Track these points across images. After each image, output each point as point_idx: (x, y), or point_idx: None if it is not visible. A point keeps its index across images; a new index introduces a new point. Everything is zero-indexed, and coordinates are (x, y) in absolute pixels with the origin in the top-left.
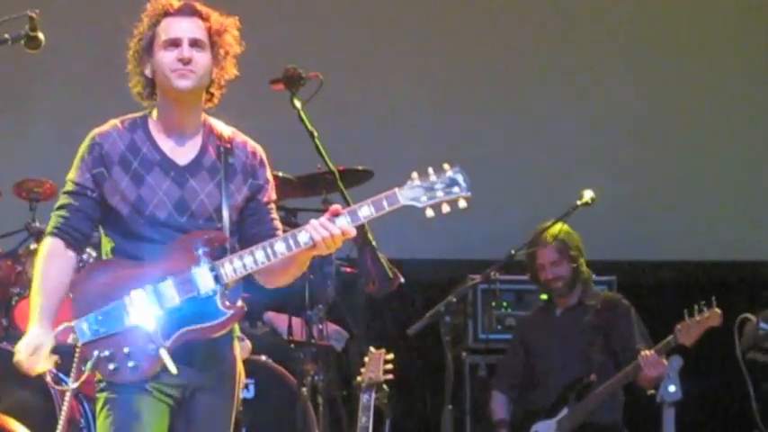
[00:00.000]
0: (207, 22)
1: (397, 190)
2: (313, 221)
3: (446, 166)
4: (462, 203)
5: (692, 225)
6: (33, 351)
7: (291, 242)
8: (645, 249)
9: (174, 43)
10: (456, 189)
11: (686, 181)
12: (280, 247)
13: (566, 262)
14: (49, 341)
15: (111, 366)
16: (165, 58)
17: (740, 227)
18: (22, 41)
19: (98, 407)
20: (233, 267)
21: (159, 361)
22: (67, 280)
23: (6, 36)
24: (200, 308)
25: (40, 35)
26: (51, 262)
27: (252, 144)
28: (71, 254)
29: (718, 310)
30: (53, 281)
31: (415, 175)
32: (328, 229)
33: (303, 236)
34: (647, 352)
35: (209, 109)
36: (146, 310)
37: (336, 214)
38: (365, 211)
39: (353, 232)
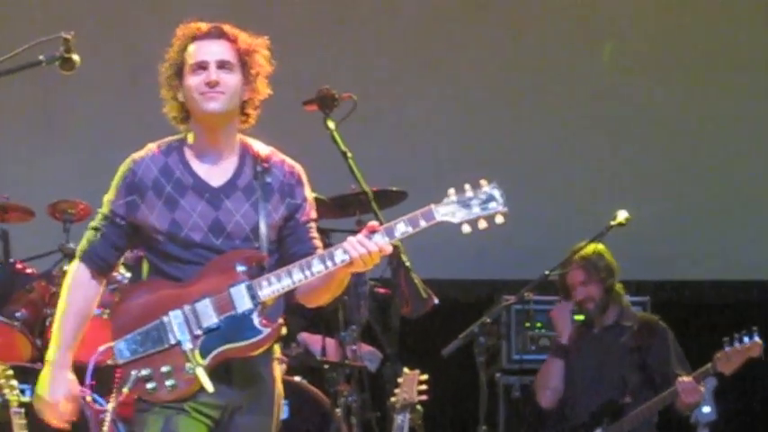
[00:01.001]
0: (235, 43)
1: (433, 206)
2: (350, 239)
3: (483, 182)
4: (500, 219)
5: (726, 244)
6: (72, 398)
7: (328, 260)
8: (679, 269)
9: (202, 66)
10: (493, 204)
11: (722, 199)
12: (316, 265)
13: (594, 282)
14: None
15: (150, 386)
16: (194, 81)
17: None
18: (57, 63)
19: (136, 427)
20: (270, 286)
21: (197, 380)
22: (92, 308)
23: (41, 57)
24: (238, 326)
25: (75, 56)
26: (76, 290)
27: (290, 163)
28: (95, 283)
29: (759, 341)
30: (84, 307)
31: (451, 191)
32: (365, 246)
33: (340, 253)
34: (685, 378)
35: (245, 129)
36: (184, 329)
37: (373, 231)
38: (402, 228)
39: (389, 249)
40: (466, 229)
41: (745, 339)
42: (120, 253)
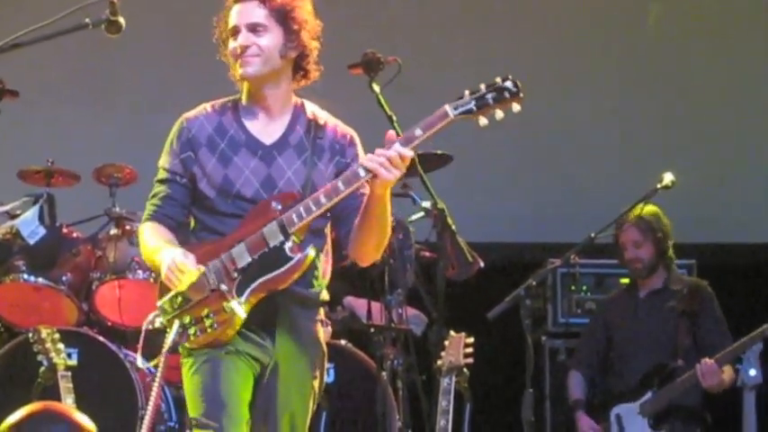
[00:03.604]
0: (268, 3)
1: (446, 105)
2: (367, 154)
3: (497, 78)
4: (516, 107)
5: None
6: (179, 257)
7: (351, 176)
8: (724, 232)
9: (236, 31)
10: (507, 93)
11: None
12: (340, 185)
13: (649, 243)
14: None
15: (193, 330)
16: (230, 46)
17: None
18: (103, 26)
19: (184, 371)
20: (298, 214)
21: (236, 320)
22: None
23: (87, 21)
24: (271, 259)
25: (121, 19)
26: (157, 230)
27: (344, 128)
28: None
29: None
30: (167, 235)
31: (466, 92)
32: (384, 154)
33: (361, 169)
34: (708, 360)
35: (304, 85)
36: (221, 274)
37: (391, 141)
38: (418, 132)
39: (410, 153)
40: (483, 121)
41: None
42: (186, 210)
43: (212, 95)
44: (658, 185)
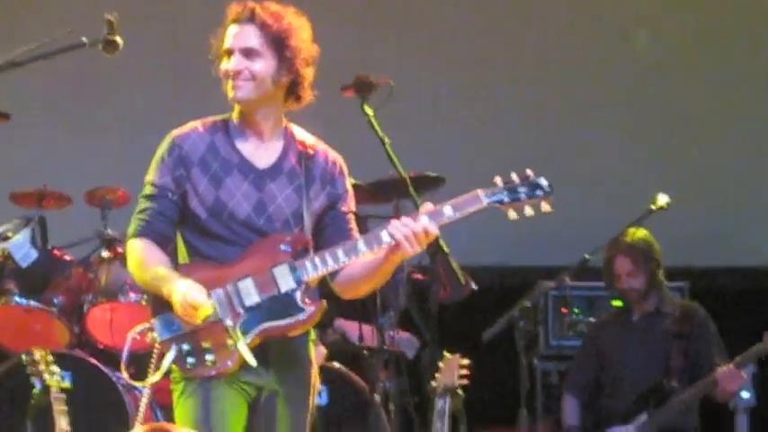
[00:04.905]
0: (265, 27)
1: (479, 191)
2: (394, 221)
3: (529, 171)
4: (546, 207)
5: (763, 229)
6: (194, 291)
7: (374, 241)
8: (717, 255)
9: (228, 53)
10: (540, 191)
11: (762, 184)
12: (362, 247)
13: (642, 273)
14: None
15: (190, 360)
16: (222, 67)
17: None
18: (100, 46)
19: (175, 396)
20: (313, 265)
21: (238, 357)
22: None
23: (84, 40)
24: (281, 305)
25: (118, 39)
26: (150, 249)
27: (333, 153)
28: (159, 249)
29: None
30: (162, 258)
31: (498, 179)
32: (410, 227)
33: (385, 235)
34: (725, 367)
35: (296, 110)
36: (225, 307)
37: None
38: (448, 212)
39: (436, 231)
40: (512, 215)
41: None
42: (175, 227)
43: (207, 116)
44: (652, 206)
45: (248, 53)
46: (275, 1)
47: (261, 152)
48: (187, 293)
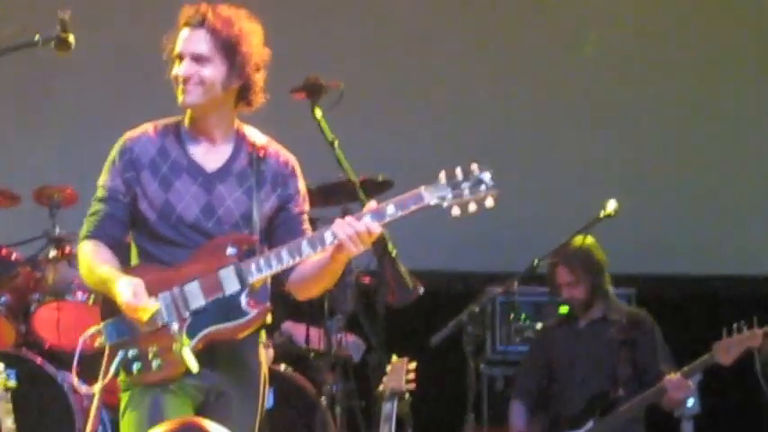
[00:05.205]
0: (216, 33)
1: (422, 188)
2: (338, 220)
3: (474, 166)
4: (489, 202)
5: (712, 238)
6: (137, 290)
7: (318, 242)
8: (664, 263)
9: (179, 57)
10: (483, 187)
11: (710, 193)
12: (305, 248)
13: (581, 283)
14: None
15: (137, 366)
16: (173, 72)
17: (762, 240)
18: (53, 44)
19: (122, 406)
20: (258, 268)
21: (183, 361)
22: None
23: (36, 38)
24: (226, 308)
25: (71, 37)
26: (99, 251)
27: (285, 154)
28: (109, 251)
29: (759, 331)
30: (112, 259)
31: (441, 175)
32: (353, 227)
33: (328, 235)
34: (673, 375)
35: (246, 113)
36: (171, 311)
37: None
38: (391, 210)
39: (378, 230)
40: (455, 211)
41: (745, 329)
42: (126, 229)
43: (155, 115)
44: (601, 213)
45: (198, 59)
46: (227, 3)
47: (211, 155)
48: (129, 296)
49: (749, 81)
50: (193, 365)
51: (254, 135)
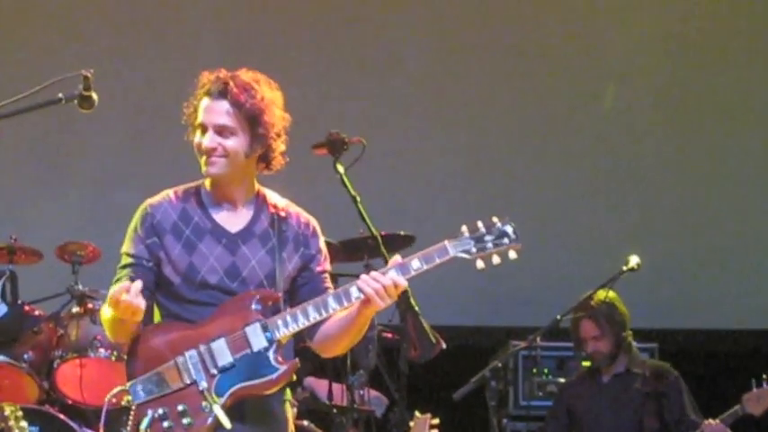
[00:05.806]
0: (239, 105)
1: (447, 242)
2: (363, 276)
3: (495, 218)
4: (513, 254)
5: (734, 293)
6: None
7: (343, 296)
8: (687, 317)
9: (202, 127)
10: (506, 240)
11: (729, 248)
12: (332, 303)
13: (607, 337)
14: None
15: (166, 425)
16: (195, 141)
17: None
18: (76, 101)
19: None
20: (285, 324)
21: (215, 419)
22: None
23: (60, 95)
24: (254, 365)
25: (94, 95)
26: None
27: (306, 215)
28: None
29: None
30: None
31: (464, 228)
32: (379, 281)
33: (354, 290)
34: (712, 421)
35: (265, 175)
36: (199, 368)
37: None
38: (416, 264)
39: (405, 284)
40: (480, 264)
41: None
42: (152, 295)
43: (175, 173)
44: (624, 268)
45: (221, 131)
46: (246, 67)
47: (233, 217)
48: (118, 290)
49: None
50: (226, 422)
51: (274, 197)
